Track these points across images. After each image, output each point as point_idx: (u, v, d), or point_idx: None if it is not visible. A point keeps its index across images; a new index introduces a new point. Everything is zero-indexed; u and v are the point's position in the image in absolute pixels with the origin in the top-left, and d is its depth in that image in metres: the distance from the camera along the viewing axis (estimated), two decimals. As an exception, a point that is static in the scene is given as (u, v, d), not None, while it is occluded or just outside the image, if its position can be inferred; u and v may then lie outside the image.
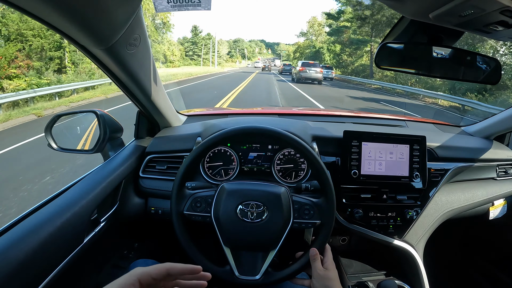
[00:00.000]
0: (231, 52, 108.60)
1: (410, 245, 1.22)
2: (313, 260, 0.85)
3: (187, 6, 0.78)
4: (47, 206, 0.87)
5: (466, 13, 0.67)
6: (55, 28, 0.64)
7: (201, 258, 0.87)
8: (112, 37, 0.73)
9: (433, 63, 0.98)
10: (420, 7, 0.74)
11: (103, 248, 1.04)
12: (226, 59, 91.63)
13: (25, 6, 0.55)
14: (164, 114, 1.25)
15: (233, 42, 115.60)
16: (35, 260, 0.73)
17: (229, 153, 1.19)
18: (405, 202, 1.17)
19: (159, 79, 1.08)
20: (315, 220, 0.89)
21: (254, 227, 0.86)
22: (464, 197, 1.30)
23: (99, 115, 1.15)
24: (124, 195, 1.14)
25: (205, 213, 0.89)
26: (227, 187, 0.92)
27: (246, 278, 0.86)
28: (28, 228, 0.77)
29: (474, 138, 1.46)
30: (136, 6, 0.72)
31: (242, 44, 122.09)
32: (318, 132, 1.24)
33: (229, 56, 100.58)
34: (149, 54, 0.94)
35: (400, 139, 1.14)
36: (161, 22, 35.78)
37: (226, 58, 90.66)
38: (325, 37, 46.60)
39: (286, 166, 1.19)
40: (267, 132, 0.92)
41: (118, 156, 1.16)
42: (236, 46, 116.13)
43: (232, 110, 1.77)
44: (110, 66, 0.87)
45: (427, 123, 1.66)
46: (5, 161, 5.03)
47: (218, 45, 73.99)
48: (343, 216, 1.17)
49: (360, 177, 1.12)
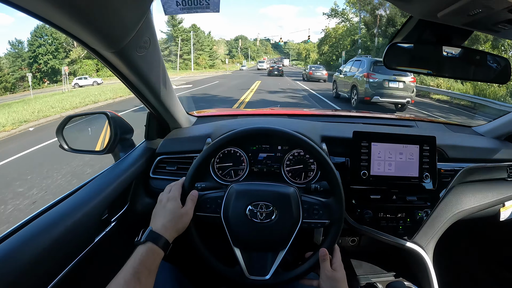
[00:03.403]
0: (232, 52, 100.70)
1: (419, 247, 1.20)
2: (322, 260, 0.85)
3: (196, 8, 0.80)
4: (58, 206, 0.88)
5: (475, 12, 0.67)
6: (66, 31, 0.65)
7: (211, 258, 0.88)
8: (122, 40, 0.74)
9: (442, 63, 0.98)
10: (428, 6, 0.74)
11: (113, 248, 1.06)
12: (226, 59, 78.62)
13: (37, 11, 0.56)
14: (174, 115, 1.26)
15: (234, 41, 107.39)
16: (45, 259, 0.74)
17: (239, 154, 1.20)
18: (415, 203, 1.16)
19: (169, 81, 1.10)
20: (324, 220, 0.89)
21: (264, 228, 0.87)
22: (475, 198, 1.28)
23: (110, 117, 1.17)
24: (134, 195, 1.16)
25: (214, 214, 0.90)
26: (236, 187, 0.92)
27: (256, 278, 0.86)
28: (39, 227, 0.78)
29: (485, 138, 1.44)
30: (146, 9, 0.73)
31: (245, 43, 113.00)
32: (327, 133, 1.24)
33: (229, 57, 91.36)
34: (159, 57, 0.96)
35: (410, 139, 1.13)
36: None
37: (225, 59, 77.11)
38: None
39: (295, 167, 1.18)
40: (277, 133, 0.93)
41: (128, 157, 1.18)
42: (237, 44, 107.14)
43: (242, 111, 1.78)
44: (120, 69, 0.88)
45: (437, 123, 1.65)
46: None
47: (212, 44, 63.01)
48: (353, 217, 1.16)
49: (370, 178, 1.12)
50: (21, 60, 41.31)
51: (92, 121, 1.29)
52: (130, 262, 0.68)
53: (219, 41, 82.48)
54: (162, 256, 0.74)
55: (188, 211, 0.84)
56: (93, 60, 42.40)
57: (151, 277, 0.69)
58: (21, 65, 40.89)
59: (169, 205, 0.82)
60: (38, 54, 40.99)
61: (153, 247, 0.72)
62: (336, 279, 0.82)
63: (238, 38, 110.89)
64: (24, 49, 42.71)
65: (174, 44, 53.72)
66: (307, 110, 2.02)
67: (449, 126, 1.58)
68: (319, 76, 22.43)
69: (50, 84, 39.27)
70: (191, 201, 0.86)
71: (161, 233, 0.75)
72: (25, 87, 36.02)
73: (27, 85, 36.79)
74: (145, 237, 0.73)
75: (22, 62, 41.10)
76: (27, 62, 41.36)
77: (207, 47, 60.29)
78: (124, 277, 0.65)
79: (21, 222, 0.81)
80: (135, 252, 0.71)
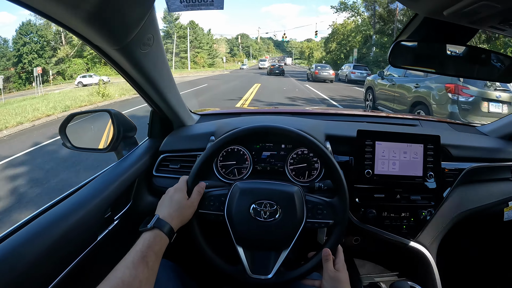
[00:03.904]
0: (233, 50, 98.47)
1: (423, 246, 1.20)
2: (325, 260, 0.85)
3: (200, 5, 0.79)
4: (61, 204, 0.88)
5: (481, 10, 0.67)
6: (70, 29, 0.65)
7: (214, 257, 0.88)
8: (126, 37, 0.74)
9: (447, 61, 0.97)
10: (434, 4, 0.73)
11: (116, 246, 1.06)
12: (227, 58, 74.64)
13: (39, 7, 0.56)
14: (177, 113, 1.26)
15: (235, 39, 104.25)
16: (49, 257, 0.74)
17: (242, 152, 1.20)
18: (418, 202, 1.16)
19: (172, 79, 1.10)
20: (328, 220, 0.89)
21: (267, 226, 0.86)
22: (479, 197, 1.28)
23: (113, 114, 1.17)
24: (137, 193, 1.16)
25: (218, 212, 0.90)
26: (240, 186, 0.92)
27: (258, 277, 0.86)
28: (42, 225, 0.78)
29: (489, 137, 1.44)
30: (150, 5, 0.73)
31: (246, 41, 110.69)
32: (331, 131, 1.24)
33: (230, 55, 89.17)
34: (163, 54, 0.96)
35: (414, 138, 1.12)
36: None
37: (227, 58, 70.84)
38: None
39: (299, 166, 1.18)
40: (282, 131, 0.92)
41: (131, 155, 1.18)
42: (239, 43, 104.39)
43: (245, 110, 1.78)
44: (124, 66, 0.88)
45: (441, 122, 1.64)
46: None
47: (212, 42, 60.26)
48: (356, 216, 1.16)
49: (374, 177, 1.11)
50: (5, 60, 38.30)
51: (95, 119, 1.29)
52: (138, 247, 0.70)
53: (220, 40, 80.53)
54: (167, 243, 0.76)
55: (193, 203, 0.86)
56: (83, 59, 40.97)
57: (157, 262, 0.71)
58: (6, 65, 38.00)
59: (176, 196, 0.85)
60: (23, 53, 38.00)
61: (160, 233, 0.74)
62: (339, 280, 0.82)
63: (239, 36, 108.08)
64: (9, 48, 39.29)
65: (170, 41, 51.28)
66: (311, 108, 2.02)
67: (453, 125, 1.57)
68: (326, 76, 20.93)
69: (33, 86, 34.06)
70: (198, 192, 0.88)
71: (167, 221, 0.77)
72: (10, 88, 34.81)
73: (13, 86, 35.70)
74: (153, 223, 0.75)
75: (7, 62, 38.05)
76: (12, 62, 38.24)
77: (206, 45, 57.77)
78: (133, 260, 0.66)
79: (24, 220, 0.81)
80: (141, 237, 0.73)
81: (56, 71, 39.63)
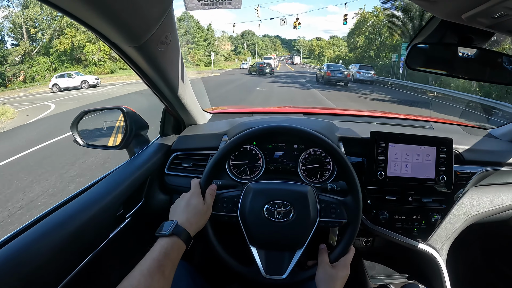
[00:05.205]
0: (238, 48, 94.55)
1: (433, 249, 1.19)
2: (320, 253, 0.88)
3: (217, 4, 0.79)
4: (73, 202, 0.88)
5: (500, 14, 0.66)
6: (88, 26, 0.65)
7: (228, 257, 0.88)
8: (144, 35, 0.74)
9: (460, 64, 0.97)
10: (453, 7, 0.72)
11: (127, 244, 1.06)
12: (231, 56, 75.90)
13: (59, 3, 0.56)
14: (190, 111, 1.26)
15: (241, 36, 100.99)
16: (60, 254, 0.75)
17: (255, 152, 1.19)
18: (430, 205, 1.15)
19: (186, 77, 1.10)
20: (342, 219, 0.89)
21: (281, 227, 0.86)
22: (490, 201, 1.27)
23: (125, 112, 1.17)
24: (149, 191, 1.16)
25: (231, 213, 0.90)
26: (253, 186, 0.92)
27: (272, 278, 0.86)
28: (54, 222, 0.78)
29: (501, 141, 1.43)
30: (169, 4, 0.73)
31: (252, 38, 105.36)
32: (344, 133, 1.23)
33: (234, 53, 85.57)
34: (179, 53, 0.96)
35: (427, 140, 1.12)
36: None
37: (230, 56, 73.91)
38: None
39: (311, 166, 1.18)
40: (296, 131, 0.92)
41: (143, 152, 1.18)
42: (244, 40, 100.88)
43: (258, 109, 1.77)
44: (140, 64, 0.88)
45: (453, 124, 1.63)
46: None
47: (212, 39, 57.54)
48: (368, 217, 1.16)
49: (386, 179, 1.11)
50: None
51: (107, 115, 1.30)
52: (154, 254, 0.68)
53: (222, 37, 76.42)
54: (184, 250, 0.75)
55: (209, 207, 0.85)
56: (48, 57, 33.78)
57: (173, 271, 0.70)
58: None
59: (193, 201, 0.83)
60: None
61: (178, 241, 0.73)
62: (332, 276, 0.82)
63: (245, 33, 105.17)
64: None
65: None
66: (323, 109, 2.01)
67: (464, 128, 1.57)
68: (341, 78, 18.04)
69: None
70: (210, 196, 0.87)
71: (186, 228, 0.76)
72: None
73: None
74: (171, 230, 0.73)
75: None
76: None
77: (203, 41, 54.16)
78: (149, 268, 0.65)
79: (37, 216, 0.82)
80: (158, 243, 0.71)
81: (12, 74, 31.74)
